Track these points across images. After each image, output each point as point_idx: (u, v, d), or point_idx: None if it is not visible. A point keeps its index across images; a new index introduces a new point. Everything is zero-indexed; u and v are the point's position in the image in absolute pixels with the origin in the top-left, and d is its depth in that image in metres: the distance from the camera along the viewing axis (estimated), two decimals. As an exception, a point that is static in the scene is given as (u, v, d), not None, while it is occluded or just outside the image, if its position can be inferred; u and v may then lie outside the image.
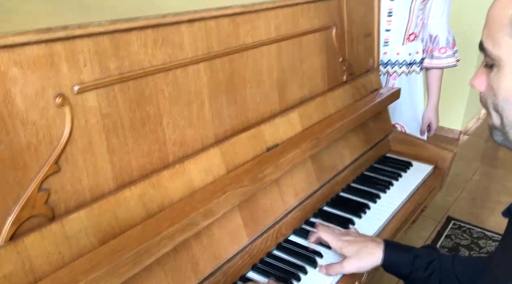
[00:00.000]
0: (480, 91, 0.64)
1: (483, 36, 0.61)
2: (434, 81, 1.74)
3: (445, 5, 1.63)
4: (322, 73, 1.24)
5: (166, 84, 0.79)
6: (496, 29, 0.57)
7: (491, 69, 0.61)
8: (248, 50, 0.97)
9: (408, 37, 1.65)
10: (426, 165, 1.41)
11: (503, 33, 0.56)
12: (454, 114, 3.38)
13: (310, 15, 1.16)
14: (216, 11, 0.86)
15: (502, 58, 0.57)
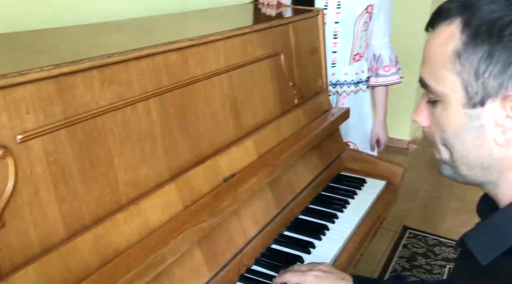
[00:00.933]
0: (423, 126, 0.65)
1: (424, 73, 0.62)
2: (380, 98, 1.81)
3: (386, 25, 1.71)
4: (274, 98, 1.26)
5: (116, 124, 0.77)
6: (437, 67, 0.58)
7: (434, 105, 0.61)
8: (198, 82, 0.96)
9: (354, 58, 1.72)
10: (379, 181, 1.46)
11: (445, 69, 0.58)
12: (401, 125, 3.53)
13: (258, 43, 1.18)
14: (163, 46, 0.86)
15: (448, 94, 0.58)
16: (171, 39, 0.90)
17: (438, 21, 0.60)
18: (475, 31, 0.54)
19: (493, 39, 0.53)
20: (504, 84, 0.54)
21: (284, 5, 1.55)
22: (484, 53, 0.54)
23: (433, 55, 0.59)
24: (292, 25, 1.34)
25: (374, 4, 1.64)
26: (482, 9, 0.54)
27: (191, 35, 0.96)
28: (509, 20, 0.52)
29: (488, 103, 0.55)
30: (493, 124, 0.56)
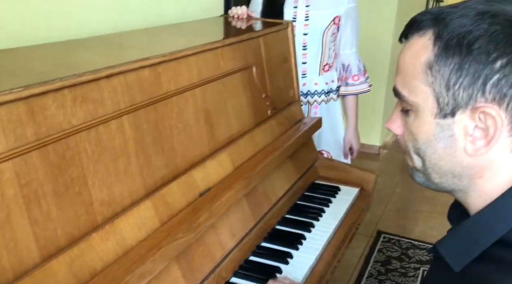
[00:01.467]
0: (397, 134, 0.67)
1: (397, 83, 0.63)
2: (350, 106, 1.85)
3: (353, 36, 1.76)
4: (247, 110, 1.27)
5: (89, 143, 0.76)
6: (410, 78, 0.60)
7: (407, 114, 0.63)
8: (171, 97, 0.97)
9: (323, 68, 1.75)
10: (352, 188, 1.49)
11: (418, 81, 0.59)
12: (372, 131, 3.61)
13: (230, 57, 1.19)
14: (135, 63, 0.86)
15: (420, 104, 0.60)
16: (143, 56, 0.90)
17: (411, 33, 0.61)
18: (446, 44, 0.56)
19: (463, 52, 0.55)
20: (473, 96, 0.55)
21: (254, 18, 1.57)
22: (454, 66, 0.55)
23: (406, 66, 0.61)
24: (263, 38, 1.36)
25: (341, 16, 1.68)
26: (452, 23, 0.56)
27: (163, 50, 0.96)
28: (478, 34, 0.54)
29: (459, 114, 0.57)
30: (463, 134, 0.58)
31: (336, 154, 1.87)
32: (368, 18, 3.13)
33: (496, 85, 0.54)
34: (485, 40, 0.53)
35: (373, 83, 2.92)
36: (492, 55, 0.53)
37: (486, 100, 0.55)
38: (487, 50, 0.53)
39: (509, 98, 0.54)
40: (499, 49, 0.53)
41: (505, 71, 0.53)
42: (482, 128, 0.56)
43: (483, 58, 0.53)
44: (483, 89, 0.54)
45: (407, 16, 2.85)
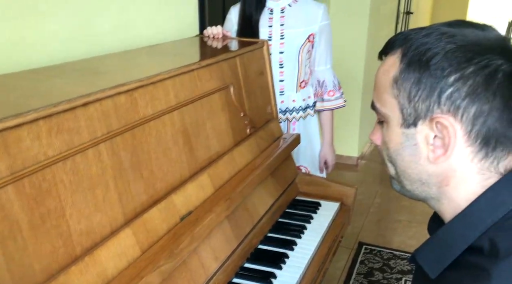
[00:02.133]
0: (377, 144, 0.71)
1: (374, 97, 0.69)
2: (326, 121, 1.87)
3: (327, 53, 1.79)
4: (226, 131, 1.27)
5: (66, 173, 0.74)
6: (382, 91, 0.65)
7: (382, 125, 0.68)
8: (149, 122, 0.96)
9: (300, 85, 1.77)
10: (333, 203, 1.50)
11: (387, 94, 0.64)
12: (349, 142, 3.66)
13: (207, 78, 1.19)
14: (111, 90, 0.85)
15: (389, 115, 0.65)
16: (119, 81, 0.89)
17: (386, 52, 0.67)
18: (409, 60, 0.61)
19: (422, 68, 0.60)
20: (430, 107, 0.60)
21: (229, 38, 1.58)
22: (414, 80, 0.60)
23: (379, 81, 0.67)
24: (239, 58, 1.36)
25: (315, 33, 1.72)
26: (416, 42, 0.61)
27: (139, 74, 0.96)
28: (435, 51, 0.59)
29: (420, 124, 0.62)
30: (425, 143, 0.62)
31: (314, 169, 1.88)
32: (341, 34, 3.20)
33: (450, 97, 0.58)
34: (441, 57, 0.59)
35: (349, 96, 2.97)
36: (446, 70, 0.58)
37: (442, 111, 0.59)
38: (442, 66, 0.59)
39: (462, 110, 0.58)
40: (452, 65, 0.58)
41: (458, 85, 0.58)
42: (440, 137, 0.61)
43: (439, 73, 0.59)
44: (438, 101, 0.59)
45: (378, 31, 2.96)
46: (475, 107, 0.58)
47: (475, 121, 0.58)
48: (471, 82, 0.57)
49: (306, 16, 1.71)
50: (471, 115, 0.58)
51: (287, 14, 1.69)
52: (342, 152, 3.67)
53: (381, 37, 3.94)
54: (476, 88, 0.57)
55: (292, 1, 1.70)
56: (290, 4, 1.70)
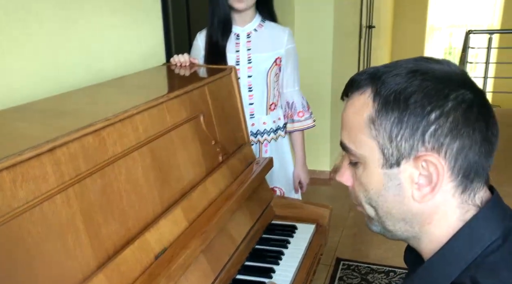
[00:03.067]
0: (348, 185, 0.70)
1: (344, 137, 0.67)
2: (298, 142, 1.89)
3: (295, 74, 1.82)
4: (198, 160, 1.26)
5: (33, 224, 0.72)
6: (356, 132, 0.64)
7: (356, 166, 0.66)
8: (118, 160, 0.94)
9: (270, 107, 1.79)
10: (309, 225, 1.50)
11: (363, 134, 0.63)
12: (321, 157, 3.70)
13: (176, 109, 1.18)
14: (78, 131, 0.83)
15: (367, 156, 0.64)
16: (86, 121, 0.87)
17: (351, 91, 0.66)
18: (385, 100, 0.61)
19: (401, 107, 0.60)
20: (414, 146, 0.60)
21: (197, 65, 1.58)
22: (395, 119, 0.60)
23: (350, 122, 0.65)
24: (207, 86, 1.37)
25: (281, 57, 1.74)
26: (388, 81, 0.61)
27: (107, 112, 0.94)
28: (412, 90, 0.59)
29: (403, 163, 0.61)
30: (409, 182, 0.62)
31: (287, 189, 1.89)
32: (307, 52, 3.27)
33: (433, 135, 0.59)
34: (419, 95, 0.59)
35: (318, 111, 3.01)
36: (426, 108, 0.58)
37: (426, 149, 0.59)
38: (422, 104, 0.59)
39: (446, 147, 0.59)
40: (432, 102, 0.58)
41: (440, 122, 0.58)
42: (426, 175, 0.60)
43: (419, 111, 0.59)
44: (422, 139, 0.59)
45: (343, 46, 3.03)
46: (458, 142, 0.58)
47: (457, 156, 0.59)
48: (452, 118, 0.58)
49: (272, 40, 1.73)
50: (454, 151, 0.59)
51: (253, 39, 1.71)
52: (314, 167, 3.71)
53: (346, 53, 4.03)
54: (457, 123, 0.58)
55: (258, 26, 1.73)
56: (256, 29, 1.72)
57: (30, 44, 1.12)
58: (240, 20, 1.70)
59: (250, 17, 1.71)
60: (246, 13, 1.68)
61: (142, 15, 1.54)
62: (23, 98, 1.08)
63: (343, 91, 0.69)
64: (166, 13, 1.68)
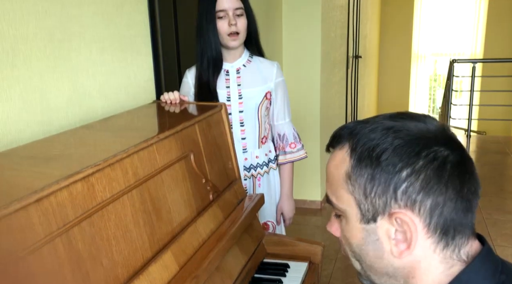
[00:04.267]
0: (336, 236, 0.70)
1: (328, 191, 0.68)
2: (286, 173, 1.88)
3: (285, 107, 1.83)
4: (188, 201, 1.25)
5: (19, 275, 0.69)
6: (336, 186, 0.65)
7: (340, 219, 0.68)
8: (107, 205, 0.92)
9: (262, 141, 1.80)
10: (301, 263, 1.48)
11: (342, 189, 0.64)
12: (311, 186, 3.70)
13: (166, 150, 1.18)
14: (66, 179, 0.82)
15: (347, 210, 0.65)
16: (75, 168, 0.86)
17: (334, 145, 0.68)
18: (359, 156, 0.62)
19: (373, 164, 0.61)
20: (387, 202, 0.60)
21: (187, 102, 1.59)
22: (368, 176, 0.61)
23: (331, 176, 0.67)
24: (198, 124, 1.36)
25: (271, 91, 1.76)
26: (363, 137, 0.63)
27: (96, 156, 0.93)
28: (384, 147, 0.60)
29: (379, 219, 0.62)
30: (387, 238, 0.62)
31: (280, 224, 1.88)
32: (296, 86, 3.33)
33: (405, 192, 0.59)
34: (391, 152, 0.60)
35: (308, 140, 3.01)
36: (397, 165, 0.59)
37: (399, 206, 0.60)
38: (393, 161, 0.60)
39: (419, 203, 0.59)
40: (403, 160, 0.59)
41: (411, 180, 0.59)
42: (401, 232, 0.61)
43: (391, 169, 0.60)
44: (395, 196, 0.60)
45: (330, 77, 3.09)
46: (431, 200, 0.59)
47: (432, 213, 0.59)
48: (423, 176, 0.59)
49: (261, 75, 1.75)
50: (428, 208, 0.59)
51: (243, 74, 1.73)
52: (305, 197, 3.70)
53: (334, 83, 4.10)
54: (429, 181, 0.58)
55: (246, 61, 1.75)
56: (245, 65, 1.74)
57: (17, 85, 1.12)
58: (229, 56, 1.72)
59: (240, 53, 1.73)
60: (236, 49, 1.70)
61: (131, 52, 1.55)
62: (9, 143, 1.06)
63: (327, 144, 0.70)
64: (156, 50, 1.69)
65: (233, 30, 1.60)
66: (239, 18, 1.61)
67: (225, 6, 1.59)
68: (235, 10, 1.60)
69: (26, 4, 1.12)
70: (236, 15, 1.60)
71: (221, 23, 1.60)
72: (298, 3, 3.38)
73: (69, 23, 1.25)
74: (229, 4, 1.59)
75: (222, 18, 1.60)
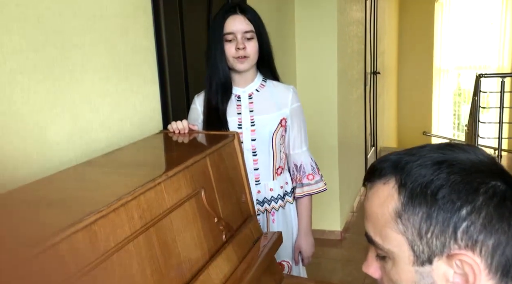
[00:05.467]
0: (375, 278, 0.68)
1: (369, 229, 0.66)
2: (304, 207, 1.81)
3: (302, 134, 1.79)
4: (200, 243, 1.20)
5: None
6: (382, 225, 0.63)
7: (384, 260, 0.65)
8: (111, 256, 0.89)
9: (277, 171, 1.75)
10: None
11: (389, 229, 0.62)
12: (331, 215, 3.62)
13: (176, 188, 1.14)
14: (67, 229, 0.78)
15: (395, 252, 0.63)
16: (76, 215, 0.83)
17: (373, 180, 0.66)
18: (411, 193, 0.61)
19: (428, 202, 0.59)
20: (446, 243, 0.59)
21: (196, 132, 1.56)
22: (423, 215, 0.60)
23: (375, 214, 0.65)
24: (209, 157, 1.33)
25: (287, 117, 1.73)
26: (413, 172, 0.61)
27: (99, 199, 0.90)
28: (439, 184, 0.59)
29: (436, 261, 0.60)
30: (443, 281, 0.60)
31: (295, 264, 1.82)
32: (312, 108, 3.30)
33: (466, 232, 0.58)
34: (448, 189, 0.59)
35: (326, 165, 2.94)
36: (456, 203, 0.58)
37: (459, 247, 0.59)
38: (451, 199, 0.58)
39: (480, 244, 0.58)
40: (461, 197, 0.58)
41: (472, 218, 0.58)
42: (461, 274, 0.59)
43: (449, 207, 0.58)
44: (454, 236, 0.59)
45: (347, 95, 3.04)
46: (493, 239, 0.58)
47: (494, 253, 0.58)
48: (484, 214, 0.58)
49: (276, 100, 1.72)
50: (490, 248, 0.58)
51: (256, 100, 1.70)
52: (324, 227, 3.63)
53: (352, 101, 4.07)
54: (490, 219, 0.58)
55: (259, 86, 1.72)
56: (258, 89, 1.71)
57: (14, 122, 1.10)
58: (240, 80, 1.69)
59: (252, 77, 1.71)
60: (247, 73, 1.68)
61: (137, 81, 1.54)
62: (5, 183, 1.04)
63: (365, 178, 0.69)
64: (163, 77, 1.68)
65: (240, 54, 1.58)
66: (248, 41, 1.59)
67: (232, 28, 1.58)
68: (244, 33, 1.58)
69: (25, 35, 1.11)
70: (246, 38, 1.58)
71: (228, 46, 1.59)
72: (312, 18, 3.38)
73: (70, 53, 1.24)
74: (237, 26, 1.58)
75: (230, 41, 1.59)
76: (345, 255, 3.34)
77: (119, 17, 1.43)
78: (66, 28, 1.23)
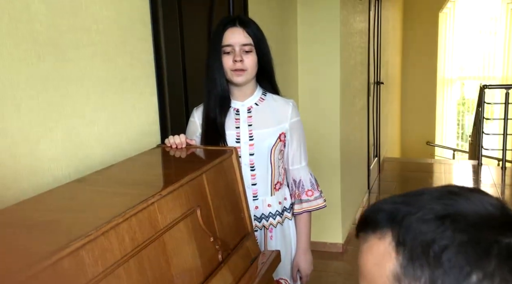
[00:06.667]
0: None
1: None
2: (303, 224, 1.77)
3: (301, 150, 1.75)
4: (195, 264, 1.16)
5: None
6: None
7: None
8: (100, 282, 0.85)
9: (275, 187, 1.71)
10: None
11: None
12: (332, 228, 3.58)
13: (169, 207, 1.10)
14: (52, 256, 0.75)
15: None
16: (62, 239, 0.79)
17: (366, 231, 0.59)
18: (411, 253, 0.54)
19: (431, 265, 0.52)
20: None
21: (193, 147, 1.53)
22: (425, 280, 0.52)
23: (371, 274, 0.58)
24: (206, 174, 1.30)
25: (286, 132, 1.69)
26: (413, 228, 0.54)
27: (87, 221, 0.87)
28: (444, 244, 0.52)
29: None
30: None
31: (293, 281, 1.77)
32: (314, 119, 3.26)
33: None
34: (453, 250, 0.52)
35: (327, 177, 2.89)
36: (465, 268, 0.51)
37: None
38: (458, 263, 0.51)
39: None
40: (470, 261, 0.51)
41: None
42: None
43: (456, 272, 0.51)
44: None
45: (350, 106, 2.99)
46: None
47: None
48: (498, 280, 0.51)
49: (275, 115, 1.69)
50: None
51: (255, 114, 1.67)
52: (325, 239, 3.58)
53: (355, 113, 4.03)
54: None
55: (259, 100, 1.69)
56: (257, 103, 1.68)
57: (5, 139, 1.07)
58: (239, 94, 1.66)
59: (251, 91, 1.67)
60: (246, 86, 1.65)
61: (135, 94, 1.51)
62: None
63: (357, 228, 0.62)
64: (162, 90, 1.65)
65: (238, 67, 1.55)
66: (246, 54, 1.56)
67: (231, 41, 1.55)
68: (243, 46, 1.55)
69: (17, 48, 1.08)
70: (244, 51, 1.56)
71: (226, 58, 1.56)
72: (315, 30, 3.35)
73: (65, 67, 1.21)
74: (235, 39, 1.55)
75: (228, 53, 1.56)
76: (347, 268, 3.29)
77: (116, 30, 1.41)
78: (61, 41, 1.20)
